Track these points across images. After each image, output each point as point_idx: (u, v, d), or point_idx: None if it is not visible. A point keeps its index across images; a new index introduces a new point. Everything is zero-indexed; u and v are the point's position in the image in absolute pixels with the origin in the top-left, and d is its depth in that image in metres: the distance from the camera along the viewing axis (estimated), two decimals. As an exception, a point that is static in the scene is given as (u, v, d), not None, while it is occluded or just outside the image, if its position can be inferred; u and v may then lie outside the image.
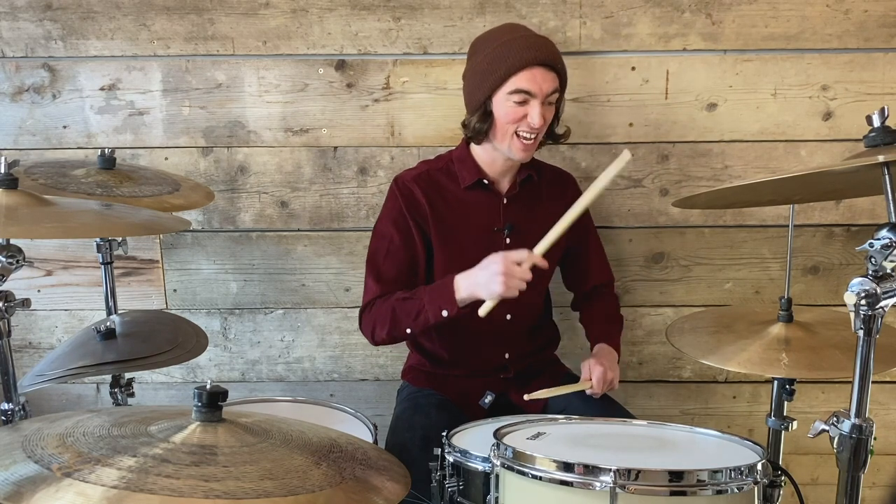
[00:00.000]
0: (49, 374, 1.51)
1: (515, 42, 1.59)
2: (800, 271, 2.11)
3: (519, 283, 1.50)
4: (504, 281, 1.49)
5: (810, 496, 2.21)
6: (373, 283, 1.73)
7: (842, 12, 1.97)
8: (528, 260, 1.51)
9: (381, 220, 1.77)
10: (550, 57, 1.60)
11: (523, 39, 1.60)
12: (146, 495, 0.85)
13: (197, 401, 1.04)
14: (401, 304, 1.64)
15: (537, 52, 1.58)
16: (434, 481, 1.43)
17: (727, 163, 2.06)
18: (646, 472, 1.13)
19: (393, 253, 1.72)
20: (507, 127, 1.62)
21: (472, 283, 1.55)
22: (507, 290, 1.49)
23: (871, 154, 1.17)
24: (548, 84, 1.59)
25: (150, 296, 2.16)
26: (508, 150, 1.66)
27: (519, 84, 1.58)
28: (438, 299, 1.58)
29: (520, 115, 1.60)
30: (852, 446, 1.18)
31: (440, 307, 1.57)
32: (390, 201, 1.76)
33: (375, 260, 1.74)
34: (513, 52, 1.58)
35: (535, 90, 1.58)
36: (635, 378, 2.19)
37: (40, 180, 1.69)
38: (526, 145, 1.64)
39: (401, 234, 1.72)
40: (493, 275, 1.50)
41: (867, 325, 1.14)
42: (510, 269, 1.49)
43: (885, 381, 2.16)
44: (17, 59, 2.03)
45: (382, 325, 1.67)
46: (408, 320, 1.62)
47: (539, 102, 1.59)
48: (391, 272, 1.72)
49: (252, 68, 2.04)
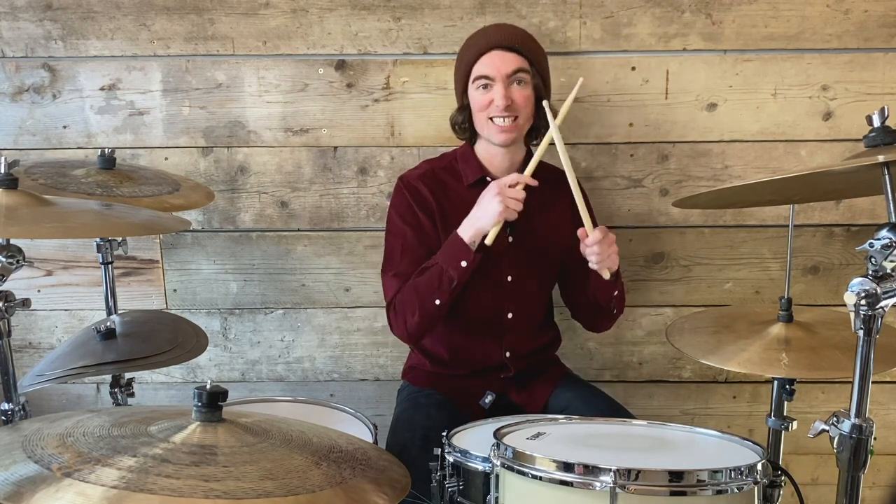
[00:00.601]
0: (49, 374, 1.51)
1: (476, 35, 1.72)
2: (800, 271, 2.11)
3: (515, 203, 1.58)
4: (501, 199, 1.57)
5: (810, 496, 2.21)
6: (392, 279, 1.73)
7: (842, 12, 1.97)
8: (520, 181, 1.60)
9: (391, 220, 1.78)
10: (506, 39, 1.66)
11: (483, 31, 1.72)
12: (146, 495, 0.85)
13: (197, 401, 1.04)
14: (420, 281, 1.65)
15: (489, 38, 1.67)
16: (434, 481, 1.42)
17: (727, 163, 2.06)
18: (646, 472, 1.13)
19: (408, 249, 1.73)
20: (480, 115, 1.69)
21: (473, 220, 1.62)
22: (505, 208, 1.57)
23: (871, 154, 1.17)
24: (507, 65, 1.65)
25: (150, 296, 2.16)
26: (489, 136, 1.71)
27: (479, 71, 1.67)
28: (452, 254, 1.62)
29: (487, 100, 1.67)
30: (852, 446, 1.18)
31: (457, 260, 1.61)
32: (397, 199, 1.77)
33: (392, 258, 1.75)
34: (471, 45, 1.71)
35: (492, 73, 1.66)
36: (635, 378, 2.19)
37: (40, 180, 1.69)
38: (502, 128, 1.68)
39: (413, 229, 1.73)
40: (490, 199, 1.58)
41: (867, 325, 1.14)
42: (504, 191, 1.58)
43: (885, 381, 2.16)
44: (17, 59, 2.03)
45: (412, 312, 1.67)
46: (433, 291, 1.63)
47: (502, 84, 1.65)
48: (409, 268, 1.71)
49: (252, 68, 2.04)
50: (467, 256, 1.61)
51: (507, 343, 1.81)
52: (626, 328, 2.15)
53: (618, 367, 2.18)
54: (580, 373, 2.01)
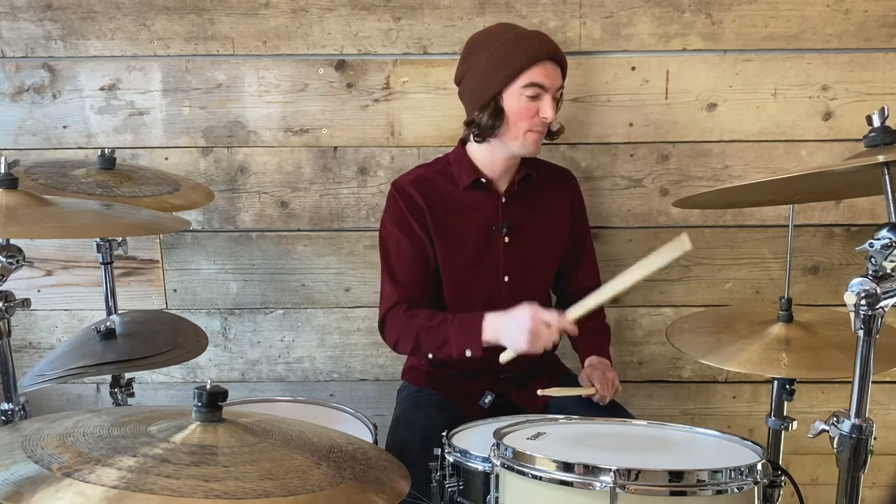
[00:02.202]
0: (49, 374, 1.51)
1: (524, 38, 1.64)
2: (800, 271, 2.11)
3: (545, 343, 1.53)
4: (530, 340, 1.51)
5: (810, 496, 2.21)
6: (390, 287, 1.73)
7: (842, 12, 1.97)
8: (558, 323, 1.52)
9: (385, 226, 1.77)
10: (558, 52, 1.65)
11: (531, 35, 1.65)
12: (146, 495, 0.85)
13: (197, 401, 1.04)
14: (426, 332, 1.65)
15: (547, 47, 1.63)
16: (434, 481, 1.42)
17: (727, 163, 2.06)
18: (646, 472, 1.13)
19: (403, 254, 1.73)
20: (520, 123, 1.64)
21: (499, 330, 1.57)
22: (531, 348, 1.52)
23: (871, 154, 1.17)
24: (558, 79, 1.64)
25: (150, 296, 2.16)
26: (522, 145, 1.68)
27: (533, 78, 1.61)
28: (464, 336, 1.60)
29: (533, 110, 1.63)
30: (852, 446, 1.18)
31: (465, 345, 1.59)
32: (391, 206, 1.77)
33: (388, 264, 1.75)
34: (524, 48, 1.61)
35: (548, 84, 1.62)
36: (635, 378, 2.19)
37: (40, 180, 1.69)
38: (539, 139, 1.67)
39: (406, 235, 1.73)
40: (521, 330, 1.52)
41: (867, 325, 1.14)
42: (538, 329, 1.51)
43: (885, 381, 2.16)
44: (17, 59, 2.03)
45: (406, 343, 1.69)
46: (431, 348, 1.65)
47: (551, 97, 1.62)
48: (406, 274, 1.72)
49: (252, 68, 2.04)
50: (475, 349, 1.59)
51: None
52: (626, 328, 2.15)
53: (618, 367, 2.16)
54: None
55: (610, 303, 1.93)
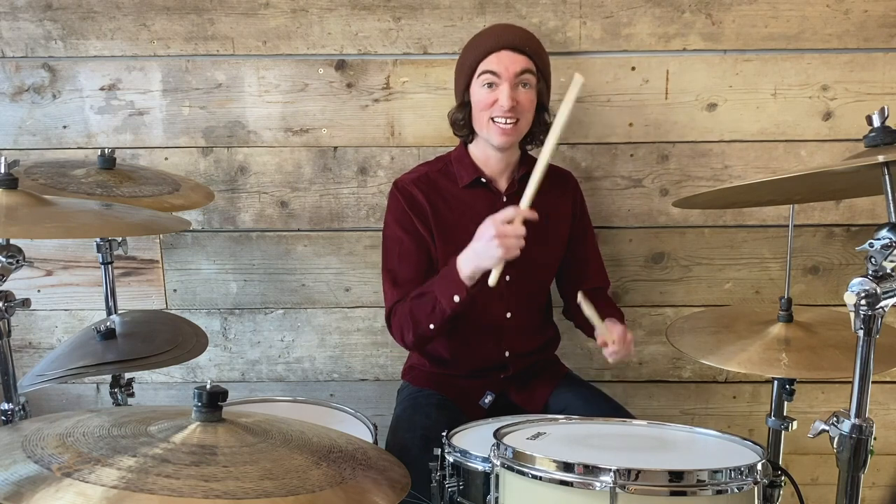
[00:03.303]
0: (49, 374, 1.50)
1: (485, 33, 1.70)
2: (800, 271, 2.11)
3: (516, 241, 1.49)
4: (501, 242, 1.48)
5: (810, 496, 2.21)
6: (391, 287, 1.73)
7: (842, 12, 1.97)
8: (517, 216, 1.50)
9: (388, 226, 1.78)
10: (516, 40, 1.65)
11: (492, 29, 1.71)
12: (146, 495, 0.85)
13: (197, 401, 1.04)
14: (416, 304, 1.64)
15: (500, 37, 1.66)
16: (434, 481, 1.42)
17: (727, 163, 2.06)
18: (646, 472, 1.13)
19: (405, 254, 1.73)
20: (482, 113, 1.67)
21: (472, 257, 1.55)
22: (506, 250, 1.49)
23: (871, 154, 1.17)
24: (515, 65, 1.64)
25: (150, 296, 2.16)
26: (488, 136, 1.69)
27: (486, 66, 1.65)
28: (447, 287, 1.58)
29: (491, 99, 1.65)
30: (852, 446, 1.18)
31: (451, 294, 1.58)
32: (392, 204, 1.77)
33: (390, 264, 1.75)
34: (480, 41, 1.68)
35: (500, 70, 1.63)
36: (635, 378, 2.19)
37: (40, 180, 1.69)
38: (503, 129, 1.66)
39: (409, 234, 1.73)
40: (489, 240, 1.49)
41: (867, 325, 1.14)
42: (503, 230, 1.49)
43: (885, 381, 2.16)
44: (17, 59, 2.03)
45: (408, 330, 1.67)
46: (427, 318, 1.62)
47: (508, 84, 1.63)
48: (408, 273, 1.72)
49: (252, 68, 2.04)
50: (461, 292, 1.56)
51: (507, 342, 1.81)
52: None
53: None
54: (580, 373, 2.01)
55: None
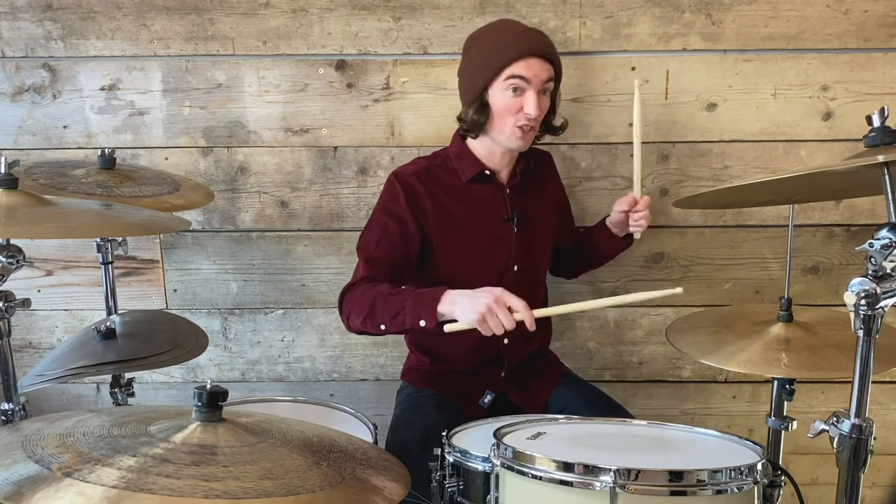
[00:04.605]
0: (49, 374, 1.51)
1: (511, 34, 1.65)
2: (800, 271, 2.11)
3: (495, 327, 1.43)
4: (483, 315, 1.42)
5: (810, 496, 2.21)
6: (362, 264, 1.68)
7: (842, 12, 1.97)
8: (520, 313, 1.44)
9: (377, 213, 1.73)
10: (545, 47, 1.64)
11: (519, 32, 1.66)
12: (146, 495, 0.85)
13: (197, 401, 1.04)
14: (383, 299, 1.56)
15: (532, 43, 1.63)
16: (434, 481, 1.42)
17: (727, 163, 2.06)
18: (646, 472, 1.13)
19: (386, 240, 1.68)
20: (507, 118, 1.64)
21: (457, 299, 1.47)
22: (480, 324, 1.43)
23: (871, 154, 1.17)
24: (543, 73, 1.62)
25: (150, 296, 2.16)
26: (507, 140, 1.67)
27: (515, 71, 1.61)
28: (421, 306, 1.50)
29: (517, 105, 1.63)
30: (852, 446, 1.19)
31: (419, 315, 1.50)
32: (388, 194, 1.73)
33: (367, 245, 1.70)
34: (508, 43, 1.62)
35: (530, 76, 1.61)
36: (635, 378, 2.19)
37: (40, 180, 1.70)
38: (525, 134, 1.66)
39: (398, 224, 1.69)
40: (479, 304, 1.43)
41: (867, 325, 1.14)
42: (495, 310, 1.42)
43: (885, 381, 2.16)
44: (17, 59, 2.03)
45: (359, 313, 1.58)
46: (385, 317, 1.55)
47: (535, 91, 1.61)
48: (382, 255, 1.67)
49: (252, 68, 2.04)
50: (429, 320, 1.49)
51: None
52: (626, 328, 2.15)
53: (618, 367, 2.18)
54: (580, 373, 2.01)
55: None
